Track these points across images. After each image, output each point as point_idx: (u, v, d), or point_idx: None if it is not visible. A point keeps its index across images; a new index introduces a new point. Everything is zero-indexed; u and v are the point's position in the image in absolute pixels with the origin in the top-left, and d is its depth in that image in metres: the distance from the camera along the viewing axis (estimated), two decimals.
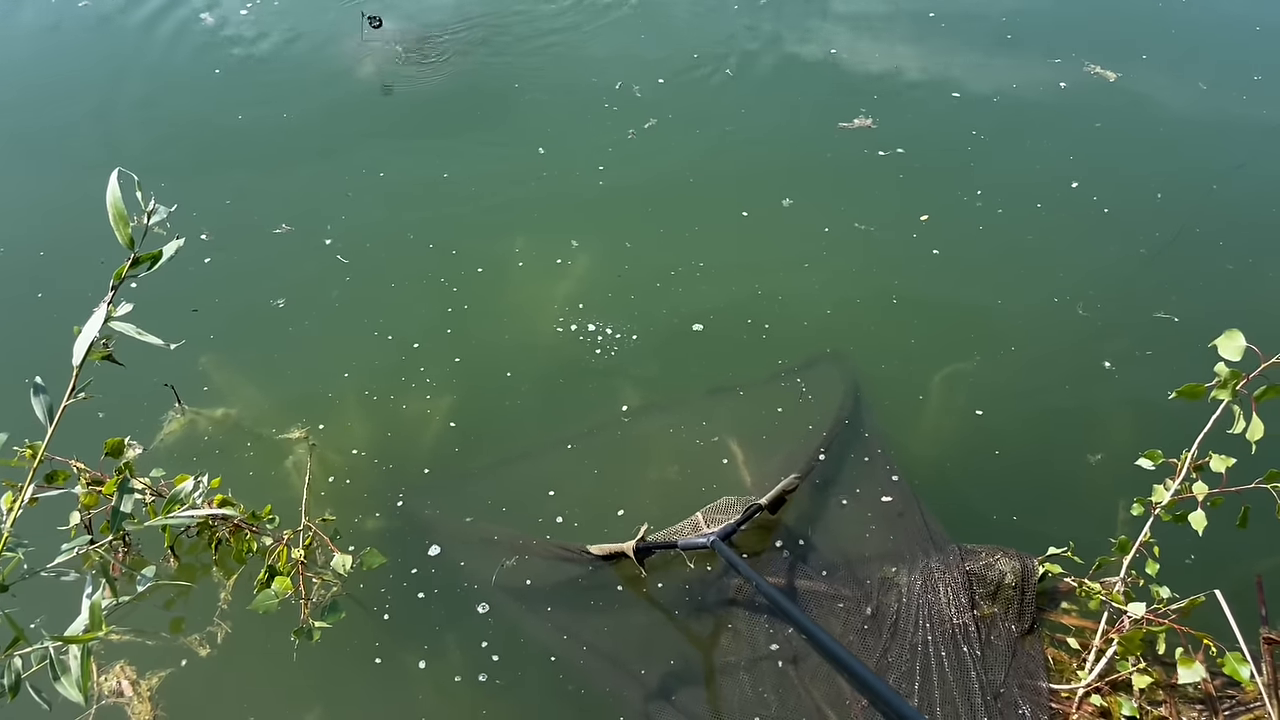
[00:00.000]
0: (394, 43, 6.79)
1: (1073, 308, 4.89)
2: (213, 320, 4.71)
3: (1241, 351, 2.64)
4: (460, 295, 4.88)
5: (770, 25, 7.06)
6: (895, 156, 5.81)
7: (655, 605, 3.68)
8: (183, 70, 6.54)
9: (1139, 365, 4.58)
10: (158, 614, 3.58)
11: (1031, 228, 5.39)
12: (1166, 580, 3.20)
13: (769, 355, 4.62)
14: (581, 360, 4.58)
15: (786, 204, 5.47)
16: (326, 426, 4.25)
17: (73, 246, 5.07)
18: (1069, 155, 5.90)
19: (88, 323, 2.12)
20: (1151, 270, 5.16)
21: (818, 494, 3.99)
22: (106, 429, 3.93)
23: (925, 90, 6.49)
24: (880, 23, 7.16)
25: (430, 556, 3.81)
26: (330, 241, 5.15)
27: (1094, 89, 6.50)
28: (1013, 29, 7.07)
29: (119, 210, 2.08)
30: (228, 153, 5.83)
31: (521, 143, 5.92)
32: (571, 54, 6.82)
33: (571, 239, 5.21)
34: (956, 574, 3.51)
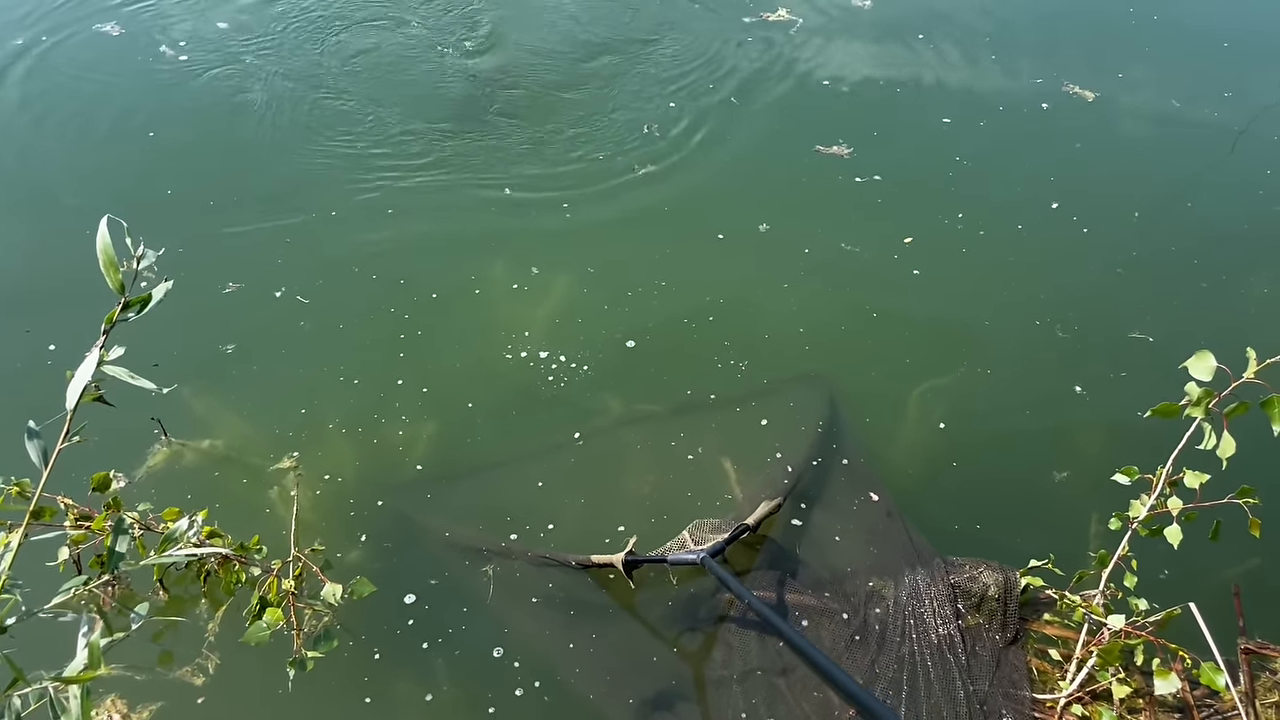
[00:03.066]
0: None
1: (1052, 329, 4.99)
2: (188, 354, 4.71)
3: (1212, 372, 2.73)
4: (439, 323, 4.91)
5: (751, 49, 7.13)
6: (874, 182, 5.88)
7: (649, 622, 3.73)
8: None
9: (1113, 386, 4.67)
10: (147, 647, 3.57)
11: (1012, 249, 5.49)
12: (1143, 593, 3.29)
13: (747, 374, 4.69)
14: (555, 382, 4.62)
15: (764, 229, 5.52)
16: (311, 455, 4.26)
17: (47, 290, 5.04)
18: (1050, 176, 6.02)
19: (80, 367, 2.15)
20: (1128, 290, 5.27)
21: (803, 510, 4.06)
22: (91, 461, 3.92)
23: (909, 112, 6.58)
24: (863, 44, 7.26)
25: (418, 579, 3.84)
26: (283, 290, 5.03)
27: (1074, 109, 6.64)
28: (996, 49, 7.20)
29: (109, 256, 2.11)
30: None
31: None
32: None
33: (542, 265, 5.22)
34: (941, 586, 3.59)
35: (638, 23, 7.34)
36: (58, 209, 5.49)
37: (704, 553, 3.64)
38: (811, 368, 4.73)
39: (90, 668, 2.11)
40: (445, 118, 6.32)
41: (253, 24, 7.15)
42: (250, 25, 7.14)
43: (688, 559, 3.67)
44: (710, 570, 3.62)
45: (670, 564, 3.73)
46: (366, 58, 6.86)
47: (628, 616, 3.75)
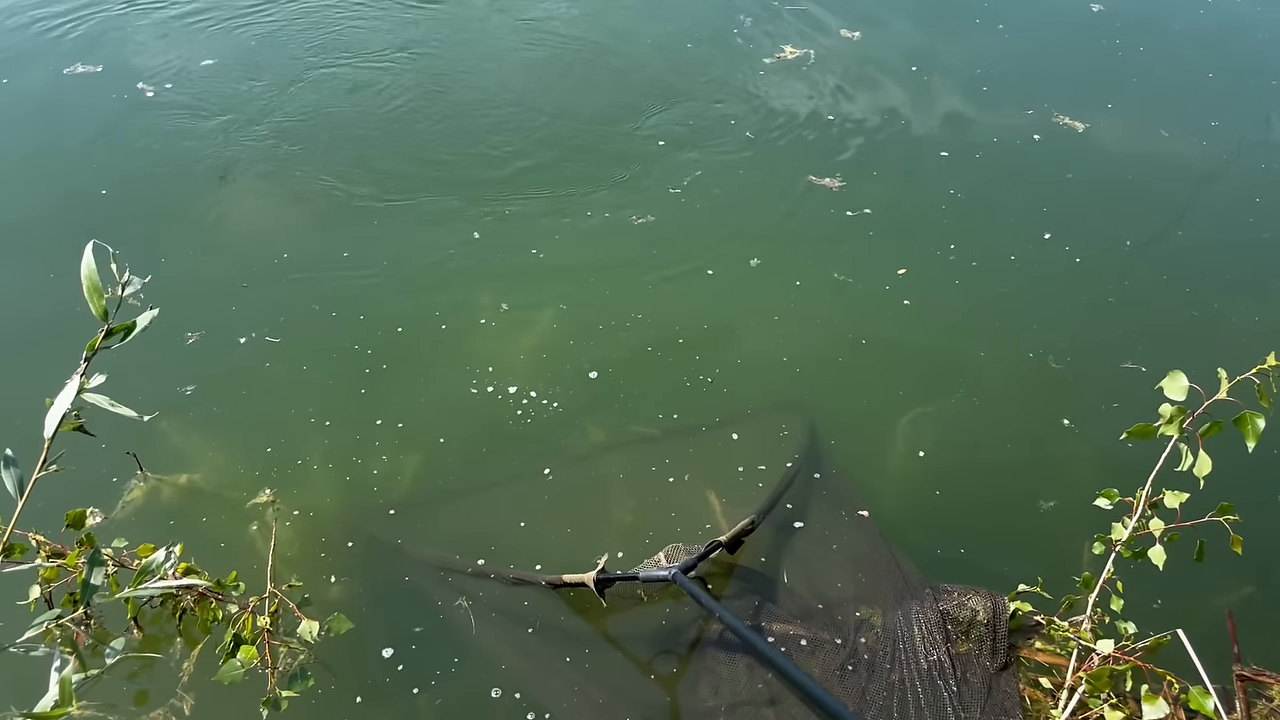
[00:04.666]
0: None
1: (1044, 360, 5.10)
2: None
3: (1185, 391, 2.84)
4: (431, 357, 5.01)
5: (737, 81, 7.30)
6: (866, 215, 6.01)
7: (633, 651, 3.79)
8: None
9: (1105, 417, 4.76)
10: (120, 686, 3.60)
11: (1005, 280, 5.62)
12: (1138, 624, 3.36)
13: (732, 403, 4.78)
14: (529, 415, 4.69)
15: (754, 264, 5.62)
16: (293, 488, 4.32)
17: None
18: (1042, 206, 6.17)
19: (60, 394, 2.21)
20: (1120, 319, 5.39)
21: (787, 536, 4.14)
22: (66, 496, 3.98)
23: (904, 144, 6.74)
24: (855, 76, 7.43)
25: (398, 615, 3.90)
26: (253, 335, 5.08)
27: (1065, 139, 6.81)
28: (988, 81, 7.40)
29: (93, 282, 2.18)
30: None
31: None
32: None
33: (525, 301, 5.32)
34: (930, 613, 3.66)
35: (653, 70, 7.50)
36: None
37: (675, 569, 3.72)
38: (797, 395, 4.83)
39: (61, 704, 2.11)
40: (417, 157, 6.45)
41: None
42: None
43: (659, 575, 3.74)
44: (681, 586, 3.70)
45: (642, 580, 3.79)
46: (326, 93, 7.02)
47: (612, 646, 3.81)
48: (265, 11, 7.87)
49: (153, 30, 7.65)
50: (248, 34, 7.61)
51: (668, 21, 7.95)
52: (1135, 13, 8.32)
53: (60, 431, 2.26)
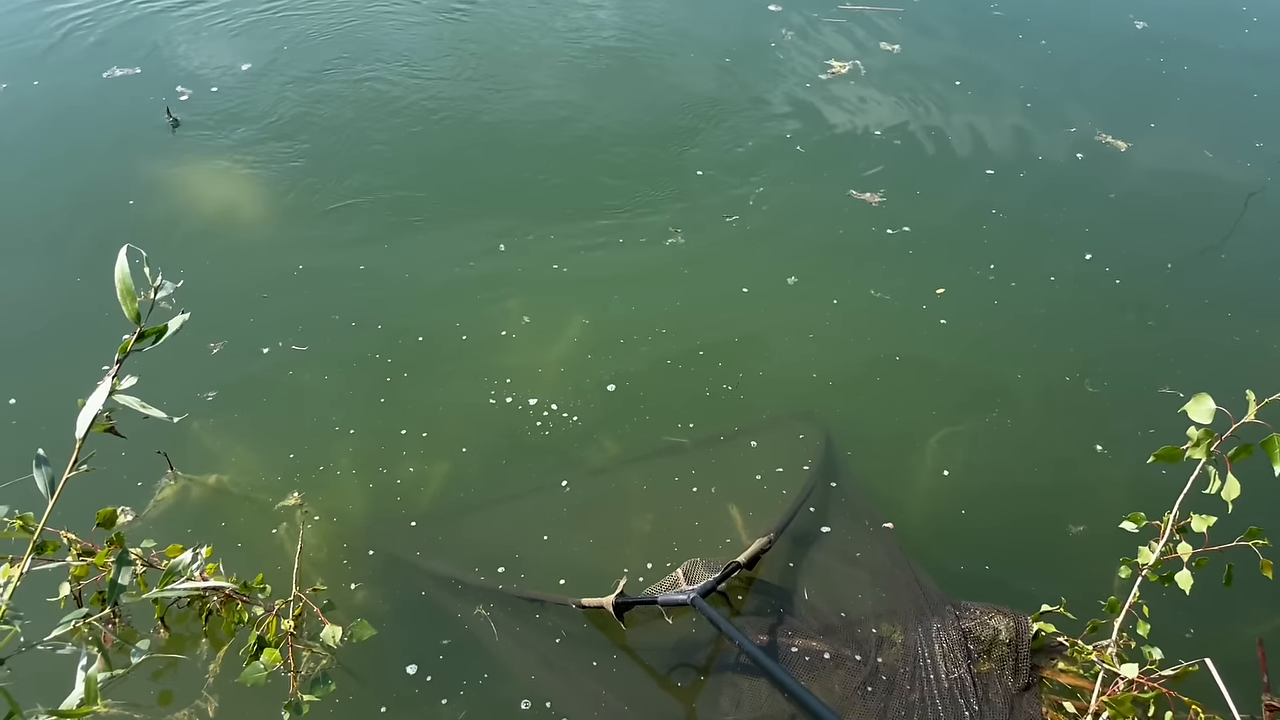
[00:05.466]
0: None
1: (1081, 383, 5.07)
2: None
3: (1211, 414, 2.83)
4: (451, 367, 5.06)
5: (777, 96, 7.34)
6: (904, 234, 6.01)
7: (655, 663, 3.83)
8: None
9: (1141, 443, 4.71)
10: (146, 686, 3.69)
11: (1044, 301, 5.59)
12: (1169, 654, 3.35)
13: (753, 414, 4.82)
14: (555, 425, 4.75)
15: (792, 281, 5.63)
16: (317, 494, 4.40)
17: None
18: (1084, 227, 6.14)
19: (92, 395, 2.28)
20: (1160, 343, 5.35)
21: (808, 550, 4.17)
22: (98, 495, 4.08)
23: (949, 160, 6.75)
24: (899, 90, 7.45)
25: (422, 625, 3.95)
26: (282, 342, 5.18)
27: (1107, 159, 6.79)
28: (1031, 97, 7.39)
29: (126, 285, 2.25)
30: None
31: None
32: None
33: (548, 314, 5.37)
34: (952, 630, 3.66)
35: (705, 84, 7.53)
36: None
37: (694, 592, 3.74)
38: (827, 411, 4.84)
39: (87, 702, 2.17)
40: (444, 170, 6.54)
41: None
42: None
43: (678, 599, 3.76)
44: (700, 610, 3.71)
45: (661, 604, 3.81)
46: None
47: (635, 658, 3.84)
48: (306, 15, 8.02)
49: (192, 33, 7.83)
50: (285, 38, 7.76)
51: (707, 36, 8.02)
52: (1180, 31, 8.28)
53: (92, 432, 2.33)
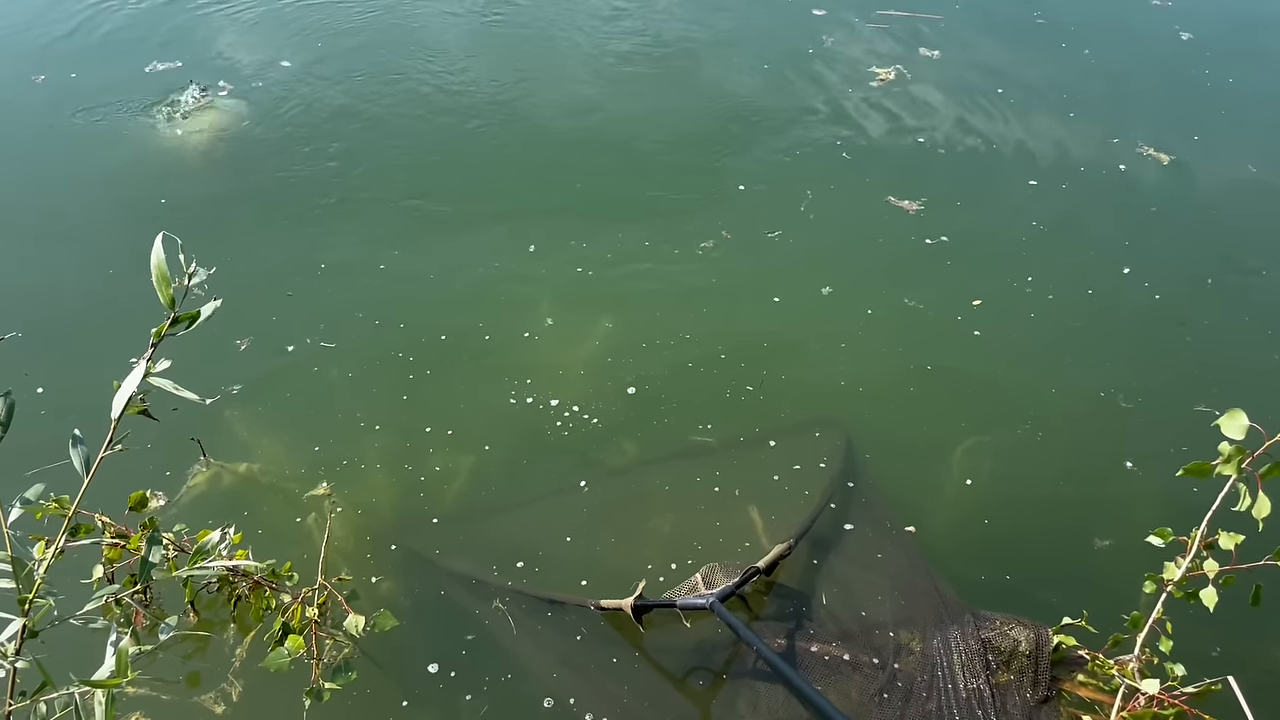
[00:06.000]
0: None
1: (1115, 399, 5.03)
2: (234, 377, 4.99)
3: (1244, 430, 2.81)
4: (472, 367, 5.12)
5: (815, 102, 7.35)
6: (942, 244, 6.00)
7: (673, 664, 3.85)
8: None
9: (1173, 461, 4.60)
10: (175, 666, 3.78)
11: (1081, 314, 5.56)
12: (1195, 672, 3.32)
13: (780, 418, 4.84)
14: (575, 426, 4.79)
15: (826, 292, 5.63)
16: (343, 487, 4.47)
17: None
18: (1124, 240, 6.10)
19: (127, 377, 2.34)
20: (1197, 360, 5.31)
21: (827, 556, 4.19)
22: (131, 483, 4.16)
23: (987, 170, 6.73)
24: (942, 98, 7.44)
25: (441, 623, 4.00)
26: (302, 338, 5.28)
27: (1149, 171, 6.73)
28: (1073, 107, 7.35)
29: (162, 271, 2.31)
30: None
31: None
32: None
33: (572, 317, 5.41)
34: (971, 640, 3.66)
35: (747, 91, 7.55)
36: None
37: (713, 597, 3.76)
38: (855, 417, 4.85)
39: (117, 674, 2.22)
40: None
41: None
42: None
43: (696, 603, 3.78)
44: (719, 615, 3.73)
45: (679, 608, 3.83)
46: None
47: (653, 658, 3.87)
48: (344, 14, 8.12)
49: (234, 30, 7.96)
50: (322, 36, 7.88)
51: (749, 39, 8.05)
52: (1226, 43, 8.20)
53: (126, 415, 2.39)
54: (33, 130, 6.88)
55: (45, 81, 7.31)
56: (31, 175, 6.54)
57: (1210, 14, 8.62)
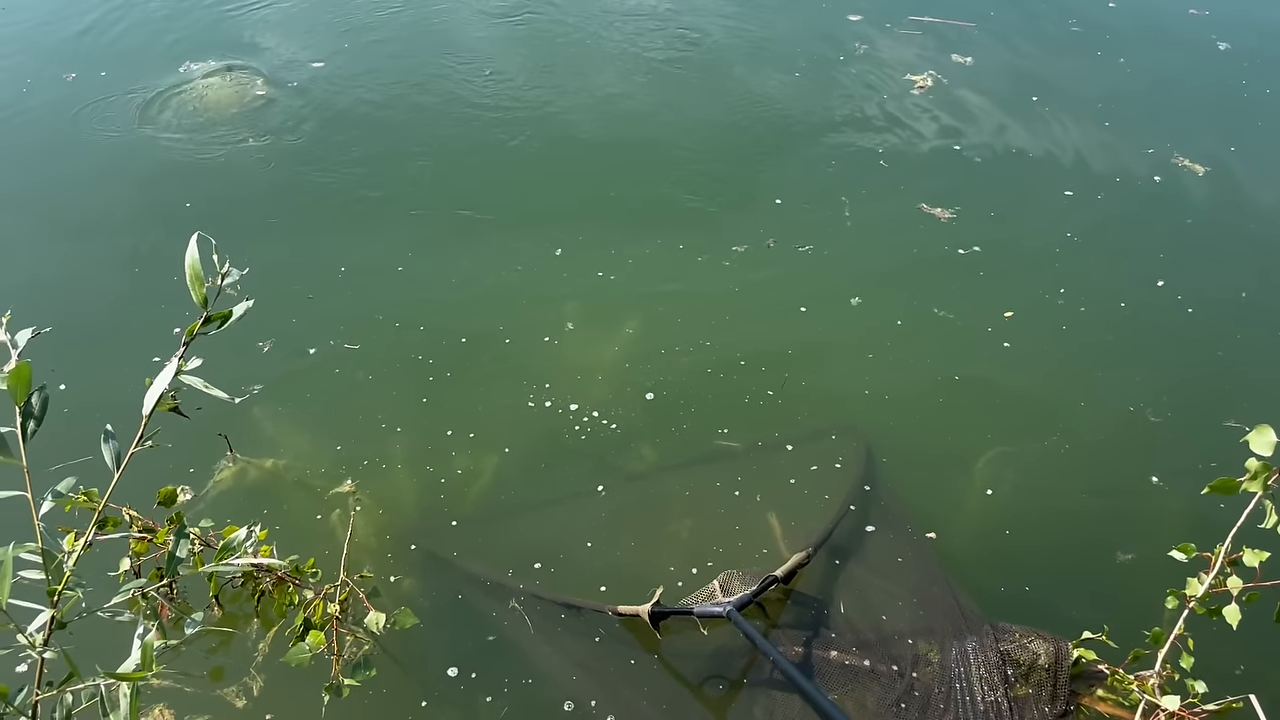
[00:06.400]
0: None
1: (1144, 413, 5.01)
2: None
3: (1272, 446, 2.80)
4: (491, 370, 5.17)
5: (846, 110, 7.34)
6: (975, 254, 5.98)
7: (689, 668, 3.87)
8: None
9: (1200, 476, 4.56)
10: (199, 660, 3.84)
11: (1113, 327, 5.53)
12: (1219, 689, 3.32)
13: (800, 426, 4.85)
14: (594, 430, 4.83)
15: (855, 302, 5.62)
16: (367, 485, 4.53)
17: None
18: (1159, 253, 6.06)
19: (159, 375, 2.39)
20: (1229, 375, 5.27)
21: (846, 564, 4.20)
22: (157, 477, 4.24)
23: (1022, 179, 6.70)
24: (975, 106, 7.41)
25: (459, 627, 4.04)
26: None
27: (1185, 182, 6.68)
28: (1109, 116, 7.31)
29: (195, 271, 2.36)
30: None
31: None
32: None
33: (593, 321, 5.44)
34: (990, 653, 3.66)
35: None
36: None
37: (730, 605, 3.77)
38: (879, 426, 4.86)
39: (143, 667, 2.27)
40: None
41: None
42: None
43: (714, 611, 3.79)
44: (736, 624, 3.74)
45: (697, 616, 3.85)
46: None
47: (669, 662, 3.89)
48: (371, 16, 8.22)
49: (271, 29, 8.09)
50: (360, 39, 7.95)
51: (783, 45, 8.05)
52: (1264, 52, 8.14)
53: (156, 412, 2.44)
54: (63, 128, 6.98)
55: (76, 80, 7.41)
56: (58, 173, 6.63)
57: (1248, 24, 8.55)
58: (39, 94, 7.35)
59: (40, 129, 7.01)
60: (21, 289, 5.64)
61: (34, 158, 6.79)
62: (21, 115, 7.14)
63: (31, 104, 7.25)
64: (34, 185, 6.53)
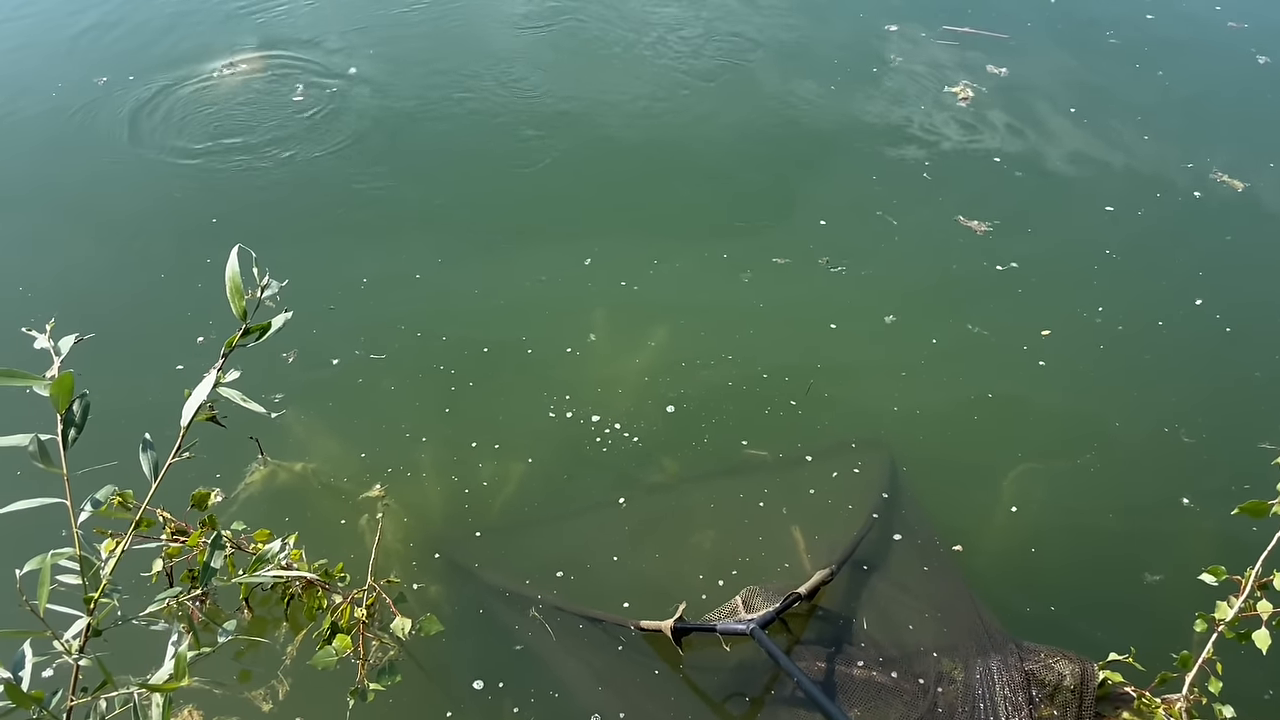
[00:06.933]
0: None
1: (1178, 434, 4.97)
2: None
3: None
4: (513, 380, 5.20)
5: (884, 119, 7.31)
6: (1012, 270, 5.94)
7: (714, 681, 3.90)
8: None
9: (1233, 499, 4.54)
10: (228, 665, 3.90)
11: (1150, 346, 5.49)
12: (1244, 717, 3.31)
13: (826, 440, 4.86)
14: (615, 442, 4.84)
15: (890, 320, 5.58)
16: (391, 493, 4.59)
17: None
18: (1198, 270, 5.99)
19: (198, 387, 2.44)
20: (1266, 396, 5.22)
21: (869, 580, 4.21)
22: (186, 478, 4.29)
23: (1060, 193, 6.64)
24: (1013, 116, 7.36)
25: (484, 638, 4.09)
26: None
27: (1224, 199, 6.60)
28: (1149, 129, 7.24)
29: (235, 283, 2.40)
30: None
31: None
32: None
33: (617, 332, 5.45)
34: (1015, 672, 3.66)
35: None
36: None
37: (754, 623, 3.77)
38: (908, 441, 4.86)
39: (176, 678, 2.29)
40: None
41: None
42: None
43: (737, 629, 3.80)
44: (759, 642, 3.75)
45: (720, 633, 3.86)
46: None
47: (689, 678, 3.92)
48: (399, 24, 8.28)
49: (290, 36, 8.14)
50: (388, 48, 8.00)
51: (819, 54, 8.02)
52: None
53: (196, 421, 2.49)
54: (94, 132, 7.04)
55: (106, 84, 7.48)
56: (84, 179, 6.69)
57: None
58: (70, 95, 7.39)
59: (71, 131, 7.06)
60: (46, 289, 5.73)
61: (54, 160, 6.87)
62: (41, 119, 7.21)
63: (53, 106, 7.31)
64: (46, 188, 6.61)
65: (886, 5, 8.57)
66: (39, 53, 8.02)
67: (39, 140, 7.02)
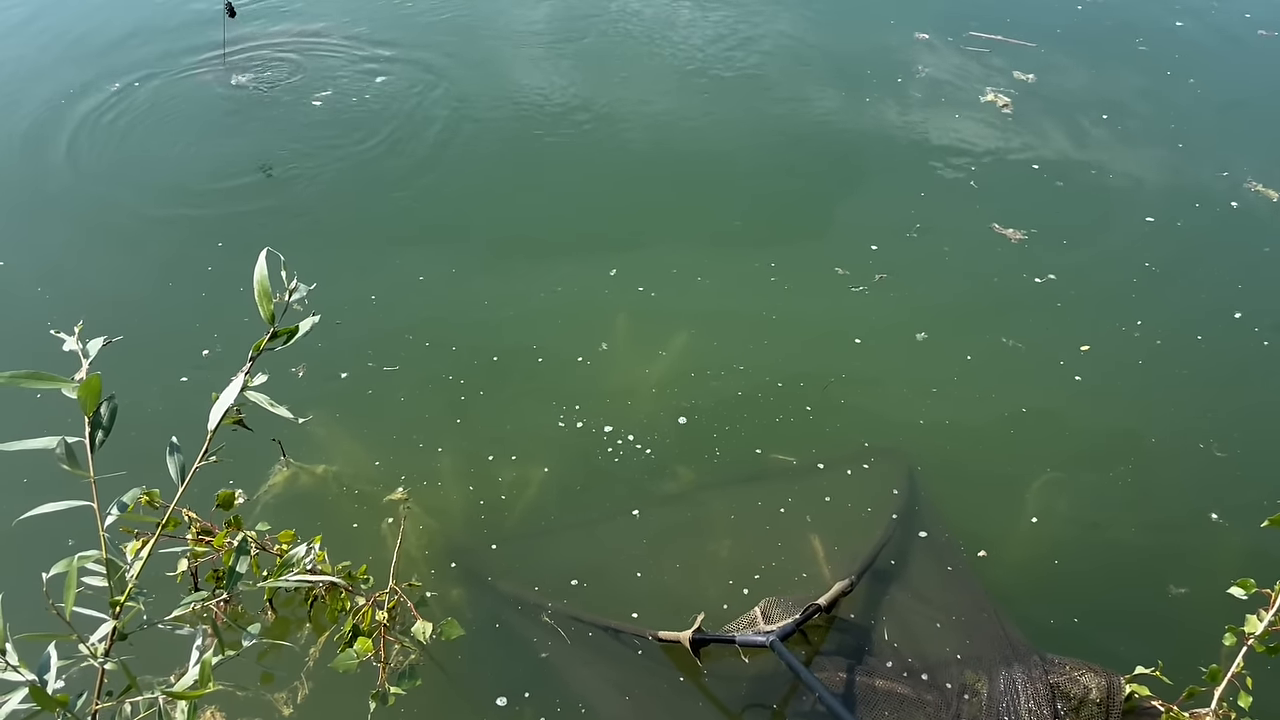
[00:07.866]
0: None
1: (1211, 450, 4.92)
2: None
3: None
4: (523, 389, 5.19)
5: (914, 128, 7.30)
6: (1050, 282, 5.89)
7: (733, 691, 3.89)
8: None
9: (1264, 514, 4.53)
10: (251, 667, 3.92)
11: (1187, 361, 5.44)
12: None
13: (852, 450, 4.84)
14: (628, 453, 4.84)
15: (921, 338, 5.52)
16: (420, 492, 4.61)
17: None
18: (1237, 283, 5.94)
19: (225, 390, 2.45)
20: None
21: (890, 591, 4.20)
22: (207, 479, 4.30)
23: (1097, 203, 6.60)
24: (1043, 124, 7.34)
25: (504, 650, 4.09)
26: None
27: (1261, 209, 6.55)
28: (1182, 137, 7.20)
29: (264, 287, 2.41)
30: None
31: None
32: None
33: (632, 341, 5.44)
34: (1039, 685, 3.63)
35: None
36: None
37: (774, 635, 3.75)
38: (935, 451, 4.84)
39: (200, 685, 2.29)
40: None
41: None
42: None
43: (756, 640, 3.78)
44: (778, 654, 3.73)
45: (739, 644, 3.84)
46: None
47: (709, 688, 3.91)
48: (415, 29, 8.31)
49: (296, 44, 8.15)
50: (409, 54, 8.02)
51: (844, 61, 8.02)
52: None
53: (223, 424, 2.50)
54: (106, 139, 7.07)
55: (119, 91, 7.50)
56: (95, 185, 6.71)
57: None
58: (86, 101, 7.41)
59: (85, 138, 7.07)
60: (66, 290, 5.78)
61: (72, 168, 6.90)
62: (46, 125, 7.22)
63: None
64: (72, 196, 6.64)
65: (916, 13, 8.55)
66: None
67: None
